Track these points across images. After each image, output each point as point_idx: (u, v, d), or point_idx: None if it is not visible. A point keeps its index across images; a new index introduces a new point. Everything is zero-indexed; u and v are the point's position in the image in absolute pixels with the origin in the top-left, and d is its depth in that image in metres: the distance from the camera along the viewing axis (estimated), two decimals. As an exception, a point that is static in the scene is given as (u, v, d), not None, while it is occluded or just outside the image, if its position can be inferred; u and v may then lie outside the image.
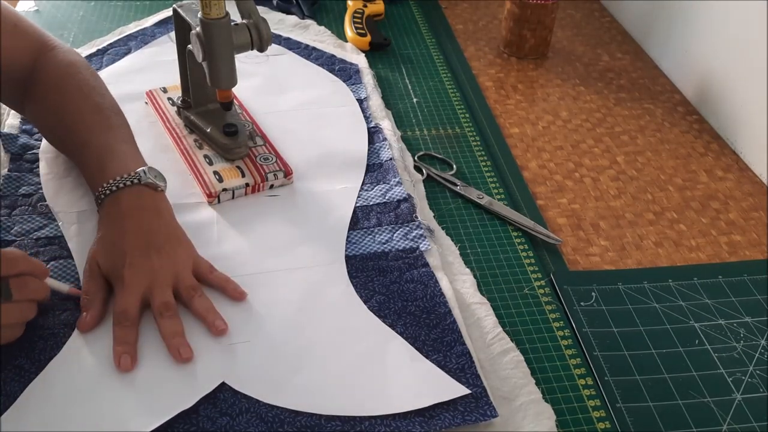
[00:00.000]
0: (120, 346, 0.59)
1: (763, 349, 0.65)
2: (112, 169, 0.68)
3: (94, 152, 0.70)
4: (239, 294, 0.65)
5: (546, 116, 0.98)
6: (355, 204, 0.77)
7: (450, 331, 0.63)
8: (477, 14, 1.22)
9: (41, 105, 0.75)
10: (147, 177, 0.67)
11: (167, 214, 0.68)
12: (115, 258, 0.63)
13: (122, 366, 0.58)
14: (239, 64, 0.75)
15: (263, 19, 0.74)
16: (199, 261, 0.67)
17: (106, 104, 0.75)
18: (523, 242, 0.76)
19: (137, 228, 0.65)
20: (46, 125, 0.77)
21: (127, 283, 0.62)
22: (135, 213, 0.66)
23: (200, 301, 0.63)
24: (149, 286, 0.62)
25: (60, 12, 1.12)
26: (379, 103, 0.93)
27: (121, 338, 0.60)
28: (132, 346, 0.60)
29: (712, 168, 0.90)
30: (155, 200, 0.68)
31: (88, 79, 0.76)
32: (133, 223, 0.65)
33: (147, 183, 0.67)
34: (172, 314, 0.62)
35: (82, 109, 0.73)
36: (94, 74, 0.78)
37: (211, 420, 0.56)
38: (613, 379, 0.62)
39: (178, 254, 0.65)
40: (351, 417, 0.56)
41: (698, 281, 0.72)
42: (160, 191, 0.69)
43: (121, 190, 0.66)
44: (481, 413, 0.57)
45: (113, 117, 0.74)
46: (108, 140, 0.71)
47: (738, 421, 0.59)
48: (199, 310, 0.62)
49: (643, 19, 1.15)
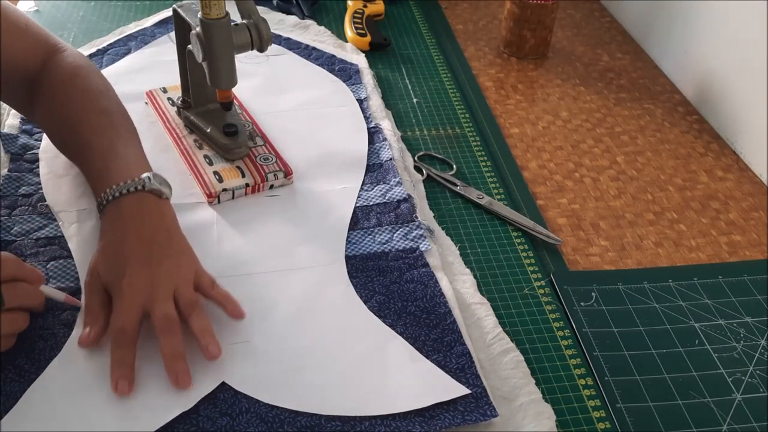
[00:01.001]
0: (117, 370, 0.57)
1: (763, 349, 0.65)
2: (116, 174, 0.66)
3: (98, 155, 0.69)
4: (239, 313, 0.63)
5: (546, 116, 0.98)
6: (355, 204, 0.77)
7: (450, 331, 0.63)
8: (477, 14, 1.22)
9: (48, 108, 0.74)
10: (152, 183, 0.65)
11: (171, 222, 0.66)
12: (116, 269, 0.61)
13: (119, 391, 0.56)
14: (239, 64, 0.75)
15: (263, 19, 0.74)
16: (202, 274, 0.64)
17: (113, 108, 0.73)
18: (523, 242, 0.76)
19: (139, 237, 0.63)
20: (53, 128, 0.75)
21: (126, 296, 0.60)
22: (137, 221, 0.64)
23: (198, 319, 0.60)
24: (149, 298, 0.60)
25: (60, 12, 1.12)
26: (379, 103, 0.93)
27: (118, 360, 0.57)
28: (129, 369, 0.57)
29: (712, 168, 0.90)
30: (159, 208, 0.66)
31: (97, 82, 0.75)
32: (134, 232, 0.63)
33: (151, 190, 0.65)
34: (174, 330, 0.59)
35: (87, 112, 0.72)
36: (103, 78, 0.77)
37: (211, 420, 0.56)
38: (613, 379, 0.62)
39: (180, 265, 0.63)
40: (351, 417, 0.56)
41: (698, 281, 0.72)
42: (165, 198, 0.67)
43: (124, 197, 0.64)
44: (481, 413, 0.57)
45: (119, 120, 0.73)
46: (113, 143, 0.69)
47: (738, 421, 0.59)
48: (196, 330, 0.60)
49: (643, 19, 1.15)
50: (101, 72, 0.78)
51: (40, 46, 0.75)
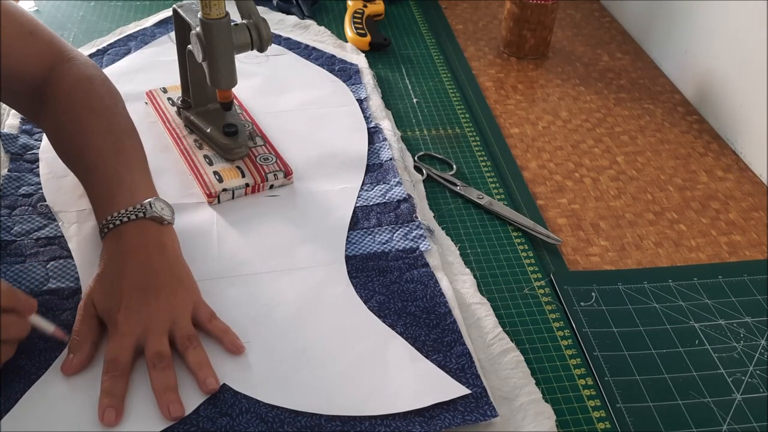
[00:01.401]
0: (106, 399, 0.56)
1: (763, 349, 0.65)
2: (118, 201, 0.65)
3: (102, 179, 0.67)
4: (237, 348, 0.61)
5: (546, 116, 0.98)
6: (355, 204, 0.77)
7: (450, 331, 0.63)
8: (477, 14, 1.22)
9: (53, 121, 0.72)
10: (152, 211, 0.64)
11: (171, 251, 0.65)
12: (112, 299, 0.60)
13: (105, 421, 0.54)
14: (239, 64, 0.75)
15: (263, 19, 0.74)
16: (200, 306, 0.63)
17: (119, 125, 0.71)
18: (523, 242, 0.76)
19: (137, 268, 0.62)
20: (58, 142, 0.73)
21: (120, 328, 0.59)
22: (137, 251, 0.62)
23: (194, 353, 0.59)
24: (143, 333, 0.59)
25: (60, 12, 1.12)
26: (379, 103, 0.93)
27: (108, 390, 0.56)
28: (119, 400, 0.56)
29: (712, 168, 0.90)
30: (160, 235, 0.64)
31: (103, 96, 0.72)
32: (133, 262, 0.62)
33: (152, 216, 0.64)
34: (165, 366, 0.58)
35: (93, 132, 0.69)
36: (111, 90, 0.74)
37: (211, 420, 0.56)
38: (613, 379, 0.62)
39: (178, 298, 0.62)
40: (351, 417, 0.56)
41: (698, 281, 0.72)
42: (167, 224, 0.66)
43: (125, 225, 0.63)
44: (481, 413, 0.57)
45: (126, 140, 0.70)
46: (117, 167, 0.68)
47: (738, 421, 0.59)
48: (192, 364, 0.59)
49: (643, 19, 1.15)
50: (110, 81, 0.75)
51: (46, 52, 0.72)
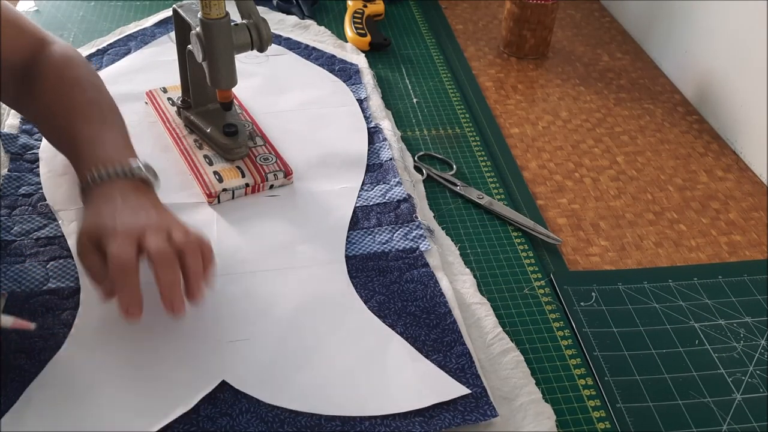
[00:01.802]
0: (124, 297, 0.56)
1: (763, 349, 0.65)
2: (104, 159, 0.64)
3: (86, 142, 0.67)
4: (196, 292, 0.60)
5: (546, 116, 0.98)
6: (355, 204, 0.77)
7: (450, 331, 0.63)
8: (477, 14, 1.22)
9: (38, 100, 0.73)
10: (141, 171, 0.64)
11: (158, 202, 0.65)
12: (105, 221, 0.59)
13: (130, 315, 0.55)
14: (239, 64, 0.75)
15: (263, 19, 0.74)
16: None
17: (103, 100, 0.73)
18: (523, 242, 0.76)
19: (125, 203, 0.61)
20: (42, 119, 0.75)
21: (119, 233, 0.57)
22: (125, 197, 0.62)
23: (193, 259, 0.58)
24: (142, 233, 0.58)
25: (60, 12, 1.12)
26: (379, 103, 0.93)
27: (121, 287, 0.56)
28: (135, 290, 0.55)
29: (712, 168, 0.90)
30: (147, 192, 0.65)
31: (86, 74, 0.75)
32: (120, 200, 0.61)
33: (141, 177, 0.64)
34: (170, 261, 0.57)
35: (78, 102, 0.71)
36: (92, 71, 0.77)
37: (211, 420, 0.56)
38: (613, 379, 0.62)
39: (170, 215, 0.62)
40: (351, 417, 0.56)
41: (698, 281, 0.72)
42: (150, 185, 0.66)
43: (112, 180, 0.63)
44: (481, 413, 0.57)
45: (108, 113, 0.72)
46: (101, 132, 0.68)
47: (738, 421, 0.59)
48: (188, 269, 0.58)
49: (643, 19, 1.15)
50: (90, 64, 0.78)
51: (29, 40, 0.74)
